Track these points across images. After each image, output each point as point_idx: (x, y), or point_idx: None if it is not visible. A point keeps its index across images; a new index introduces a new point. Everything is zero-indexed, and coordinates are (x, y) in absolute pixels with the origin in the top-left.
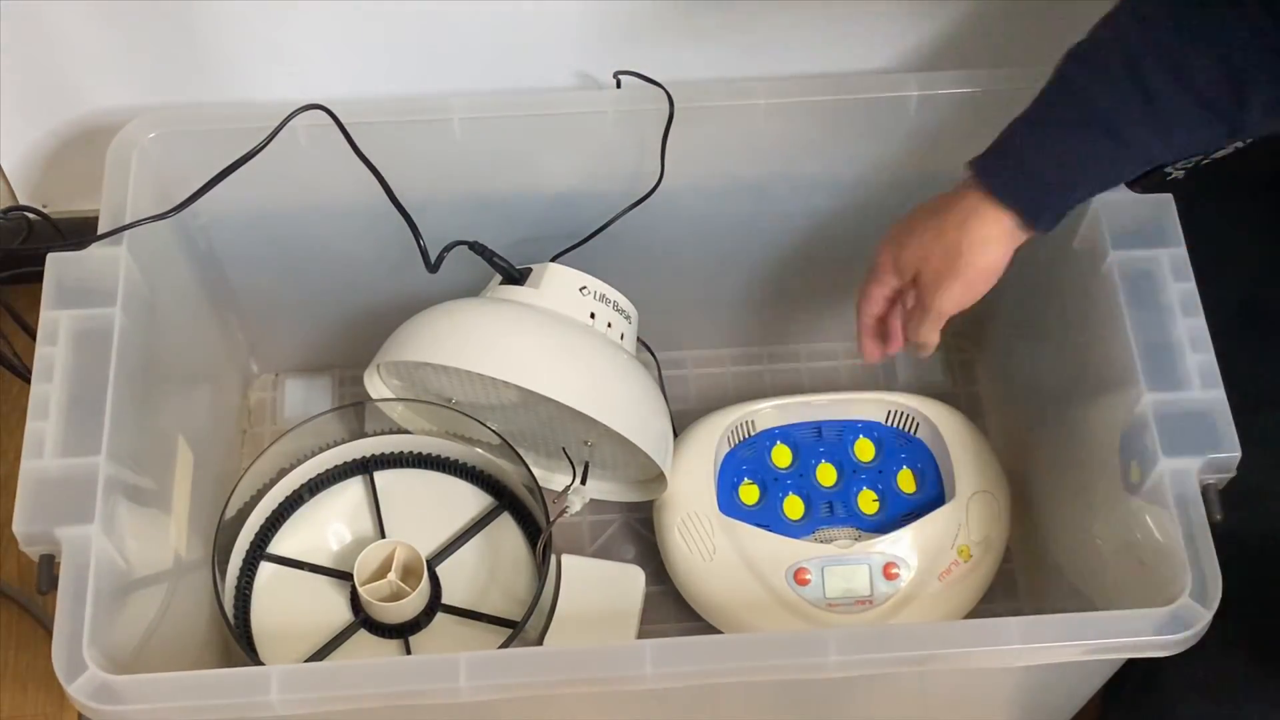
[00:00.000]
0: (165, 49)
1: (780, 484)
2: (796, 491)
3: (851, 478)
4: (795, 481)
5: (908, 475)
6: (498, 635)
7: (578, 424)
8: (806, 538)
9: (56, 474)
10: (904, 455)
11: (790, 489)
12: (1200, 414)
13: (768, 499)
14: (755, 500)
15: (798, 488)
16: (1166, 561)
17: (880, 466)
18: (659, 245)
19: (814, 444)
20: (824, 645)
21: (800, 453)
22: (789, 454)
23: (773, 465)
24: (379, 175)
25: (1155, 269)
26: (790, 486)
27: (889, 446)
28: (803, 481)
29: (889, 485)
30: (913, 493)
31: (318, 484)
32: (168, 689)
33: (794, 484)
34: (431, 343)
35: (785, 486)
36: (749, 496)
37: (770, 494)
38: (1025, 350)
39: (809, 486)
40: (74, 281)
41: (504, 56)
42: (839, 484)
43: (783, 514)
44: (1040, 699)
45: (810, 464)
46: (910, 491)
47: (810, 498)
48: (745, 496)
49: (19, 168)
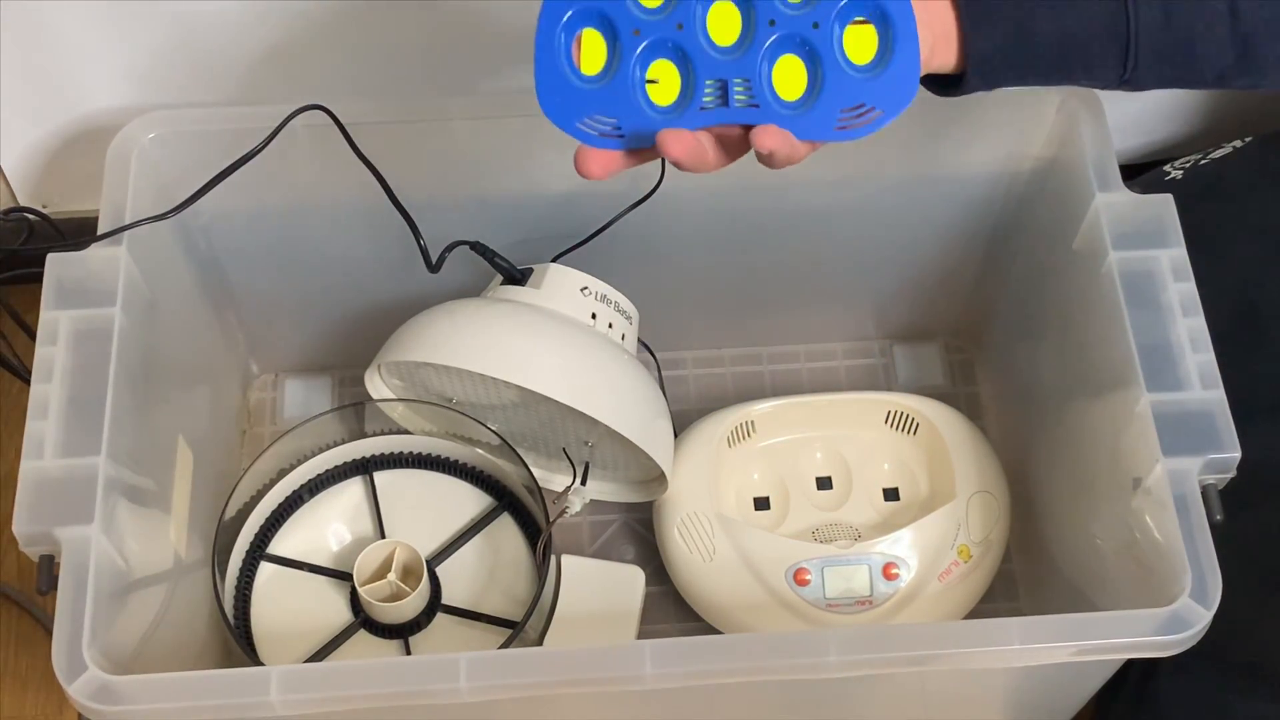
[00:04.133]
0: (165, 49)
1: (643, 34)
2: (665, 52)
3: (764, 31)
4: (667, 33)
5: (861, 34)
6: (498, 635)
7: (578, 424)
8: None
9: (56, 474)
10: None
11: (656, 49)
12: (1200, 414)
13: (618, 64)
14: (601, 66)
15: (667, 45)
16: (1166, 561)
17: (816, 15)
18: (660, 245)
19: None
20: (824, 645)
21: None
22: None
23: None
24: (379, 175)
25: (1155, 269)
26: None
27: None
28: (683, 36)
29: (825, 43)
30: (867, 63)
31: (318, 484)
32: (168, 689)
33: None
34: (432, 343)
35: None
36: (592, 60)
37: (623, 56)
38: (1025, 350)
39: (691, 41)
40: (74, 282)
41: (504, 56)
42: (741, 43)
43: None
44: (1040, 699)
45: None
46: (863, 62)
47: (692, 60)
48: (587, 61)
49: (19, 168)
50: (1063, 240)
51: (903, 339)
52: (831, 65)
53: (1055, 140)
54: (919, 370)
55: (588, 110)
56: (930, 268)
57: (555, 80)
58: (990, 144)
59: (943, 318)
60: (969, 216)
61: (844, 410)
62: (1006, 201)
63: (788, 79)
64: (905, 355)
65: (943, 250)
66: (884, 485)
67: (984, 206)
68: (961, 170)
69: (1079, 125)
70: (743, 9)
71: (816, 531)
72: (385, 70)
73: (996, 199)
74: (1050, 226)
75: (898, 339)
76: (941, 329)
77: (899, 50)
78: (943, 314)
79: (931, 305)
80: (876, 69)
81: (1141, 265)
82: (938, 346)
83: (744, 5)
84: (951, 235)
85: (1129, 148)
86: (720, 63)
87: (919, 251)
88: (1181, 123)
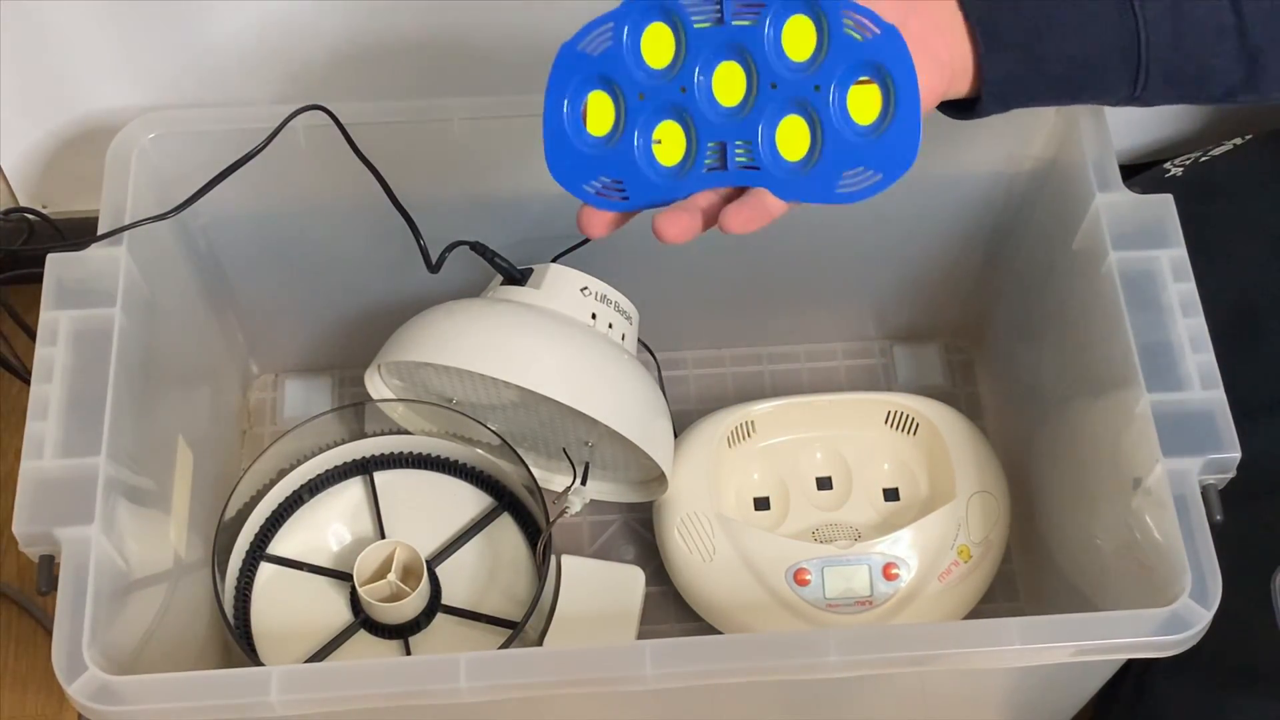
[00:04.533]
0: (165, 49)
1: (649, 98)
2: (670, 114)
3: (766, 93)
4: (672, 97)
5: (865, 94)
6: (498, 636)
7: (578, 424)
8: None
9: (56, 474)
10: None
11: (661, 111)
12: (1200, 414)
13: (624, 127)
14: (608, 127)
15: (671, 108)
16: (1166, 561)
17: (818, 78)
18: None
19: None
20: (824, 645)
21: (689, 45)
22: (668, 41)
23: (639, 61)
24: (379, 175)
25: (1155, 269)
26: (660, 107)
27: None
28: (687, 99)
29: (825, 106)
30: (869, 124)
31: (318, 484)
32: (168, 689)
33: (668, 98)
34: (432, 343)
35: (654, 99)
36: (599, 121)
37: (629, 115)
38: (1025, 350)
39: (694, 104)
40: (74, 282)
41: (504, 56)
42: (744, 105)
43: (649, 155)
44: (1040, 699)
45: (703, 75)
46: (866, 122)
47: (695, 122)
48: (594, 122)
49: (19, 168)
50: (1063, 240)
51: (903, 339)
52: (831, 128)
53: (1055, 140)
54: (919, 370)
55: (594, 173)
56: (930, 268)
57: (562, 143)
58: (990, 144)
59: (943, 318)
60: (969, 216)
61: (844, 410)
62: (1006, 201)
63: (791, 140)
64: (905, 355)
65: (943, 250)
66: (884, 485)
67: (984, 206)
68: (961, 170)
69: (1079, 125)
70: (746, 71)
71: (816, 531)
72: (385, 70)
73: (996, 199)
74: (1050, 227)
75: (898, 339)
76: (941, 329)
77: (901, 111)
78: (943, 314)
79: (931, 305)
80: (879, 129)
81: (1141, 265)
82: (938, 346)
83: (747, 67)
84: (951, 235)
85: (1129, 148)
86: (722, 125)
87: (919, 251)
88: (1182, 122)
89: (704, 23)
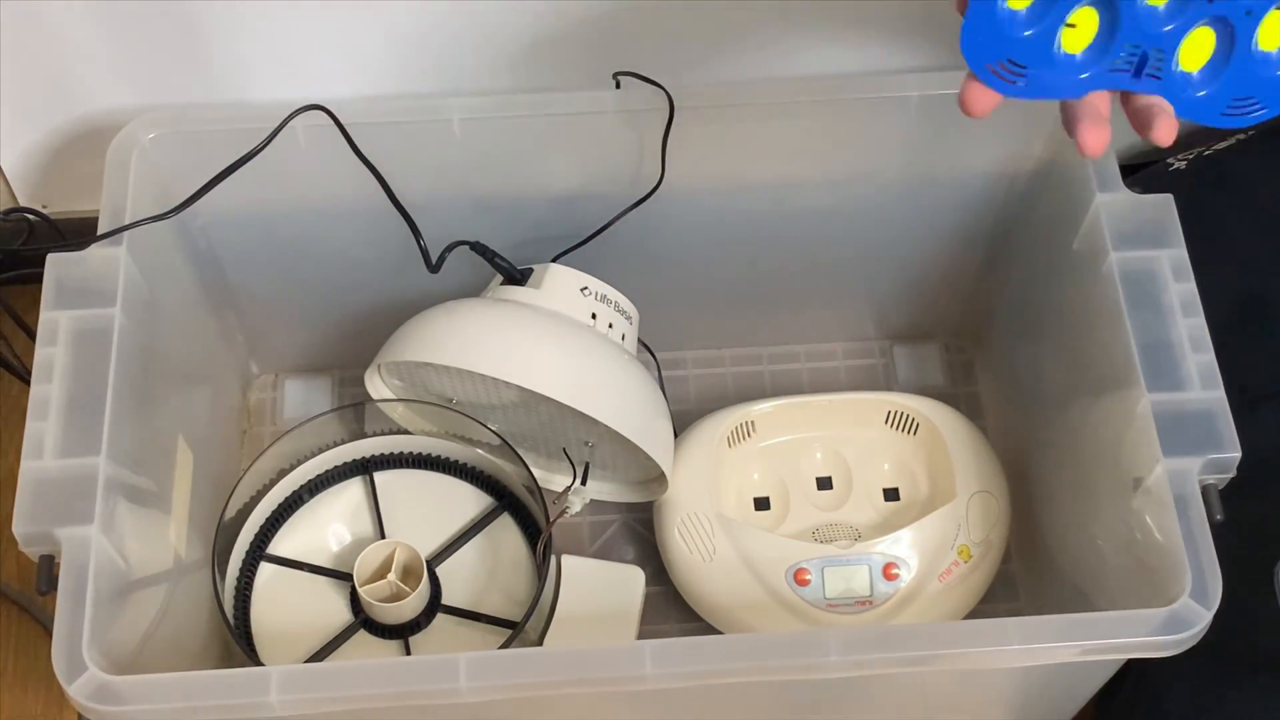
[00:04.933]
0: (165, 49)
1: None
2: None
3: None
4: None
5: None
6: (498, 636)
7: (578, 424)
8: None
9: (56, 474)
10: None
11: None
12: (1200, 414)
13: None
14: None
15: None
16: (1166, 561)
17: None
18: (659, 245)
19: None
20: (824, 645)
21: None
22: None
23: None
24: (379, 175)
25: (1155, 269)
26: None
27: None
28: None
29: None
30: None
31: (317, 484)
32: (168, 689)
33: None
34: (432, 343)
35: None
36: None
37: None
38: (1025, 350)
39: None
40: (74, 282)
41: (504, 56)
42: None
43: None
44: (1039, 699)
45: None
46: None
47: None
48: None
49: (19, 168)
50: (1063, 240)
51: (903, 339)
52: (1242, 51)
53: (1055, 140)
54: (919, 370)
55: (1002, 54)
56: (930, 268)
57: (984, 19)
58: (990, 144)
59: (943, 318)
60: (969, 217)
61: (844, 410)
62: (1007, 202)
63: (1194, 52)
64: (905, 355)
65: (943, 250)
66: (884, 485)
67: (984, 207)
68: (962, 170)
69: None
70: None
71: (816, 531)
72: (385, 70)
73: (997, 199)
74: (1050, 226)
75: (898, 339)
76: (941, 329)
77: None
78: (943, 314)
79: (931, 305)
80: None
81: (1141, 265)
82: (938, 346)
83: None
84: (952, 235)
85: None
86: (1145, 31)
87: (919, 251)
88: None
89: None
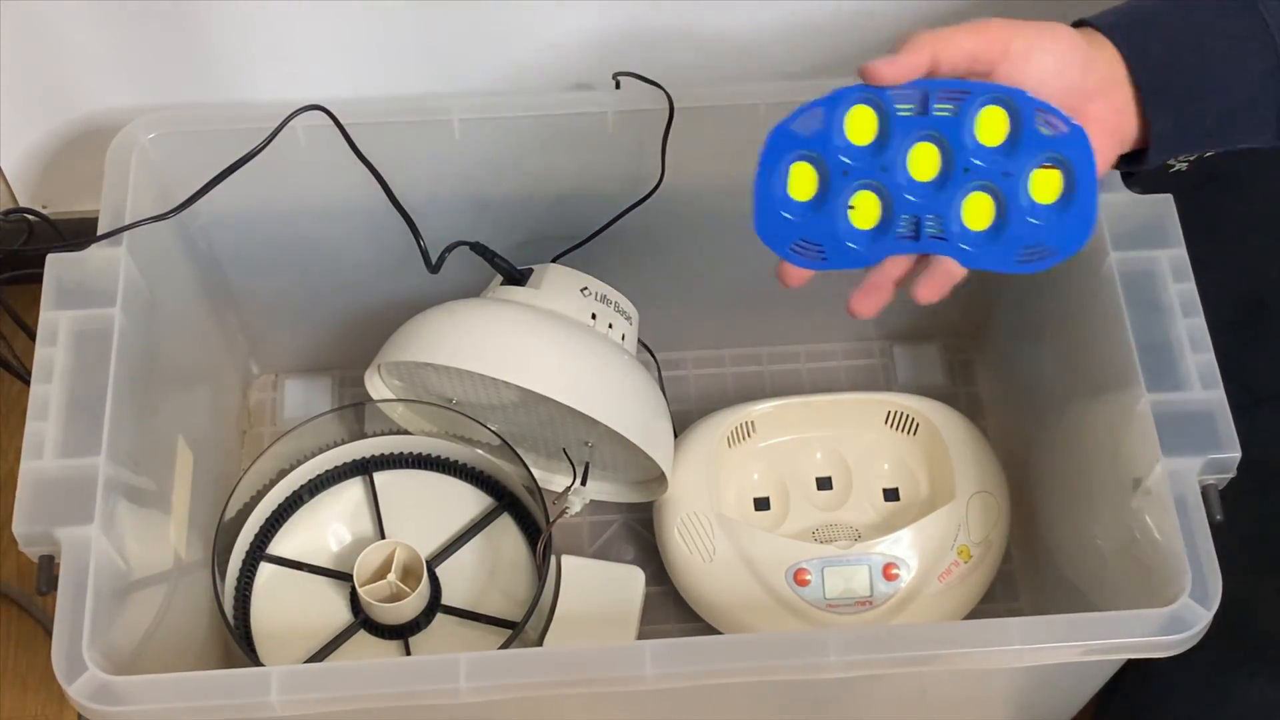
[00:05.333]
0: (165, 49)
1: (851, 175)
2: (868, 185)
3: (960, 176)
4: (872, 173)
5: (1048, 177)
6: (498, 636)
7: (578, 424)
8: None
9: (56, 474)
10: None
11: (860, 183)
12: (1200, 414)
13: (827, 194)
14: (810, 194)
15: (873, 181)
16: (1166, 561)
17: (1009, 165)
18: (659, 246)
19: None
20: (824, 645)
21: (891, 129)
22: (871, 123)
23: (844, 141)
24: (379, 176)
25: (1155, 269)
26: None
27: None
28: (885, 175)
29: (1012, 189)
30: (1050, 203)
31: (317, 485)
32: (168, 690)
33: (868, 175)
34: (432, 343)
35: (856, 177)
36: (802, 187)
37: (832, 187)
38: (1025, 350)
39: (892, 180)
40: (74, 282)
41: (504, 57)
42: (937, 182)
43: (846, 221)
44: (1039, 699)
45: (900, 154)
46: (1046, 201)
47: (891, 195)
48: (796, 188)
49: (19, 169)
50: None
51: (903, 339)
52: (1016, 208)
53: None
54: (919, 370)
55: (796, 235)
56: None
57: (770, 208)
58: None
59: (943, 318)
60: None
61: (844, 410)
62: None
63: (976, 213)
64: (905, 355)
65: None
66: (884, 485)
67: None
68: None
69: None
70: (942, 152)
71: (816, 532)
72: (385, 70)
73: None
74: None
75: (898, 339)
76: (941, 329)
77: (1080, 196)
78: (943, 314)
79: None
80: (1058, 210)
81: (1141, 265)
82: (938, 346)
83: (944, 149)
84: None
85: None
86: (916, 201)
87: None
88: None
89: (907, 111)
